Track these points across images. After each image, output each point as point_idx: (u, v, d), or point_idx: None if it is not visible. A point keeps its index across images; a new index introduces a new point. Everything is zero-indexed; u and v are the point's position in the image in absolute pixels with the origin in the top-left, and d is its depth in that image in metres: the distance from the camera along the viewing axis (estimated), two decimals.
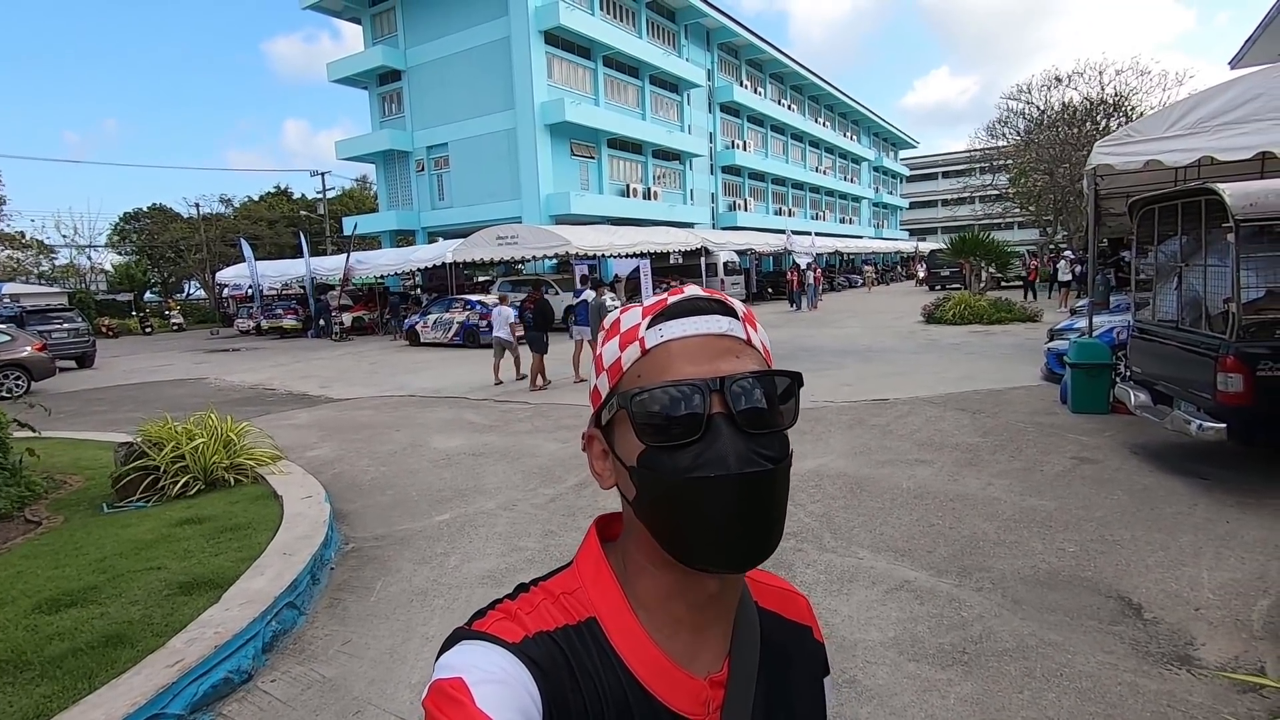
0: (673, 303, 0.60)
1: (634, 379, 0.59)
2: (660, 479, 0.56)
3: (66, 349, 17.23)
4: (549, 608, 0.60)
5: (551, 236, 19.71)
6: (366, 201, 45.16)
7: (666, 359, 0.58)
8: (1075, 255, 21.10)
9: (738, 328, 0.60)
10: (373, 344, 19.98)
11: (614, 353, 0.61)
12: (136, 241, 42.53)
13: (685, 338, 0.58)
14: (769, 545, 0.57)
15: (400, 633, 3.45)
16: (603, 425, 0.62)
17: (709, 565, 0.56)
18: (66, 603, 3.49)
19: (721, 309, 0.60)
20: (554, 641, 0.57)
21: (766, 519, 0.56)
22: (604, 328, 0.64)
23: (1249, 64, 16.76)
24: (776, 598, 0.73)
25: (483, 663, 0.54)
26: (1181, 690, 2.69)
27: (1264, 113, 5.83)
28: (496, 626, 0.58)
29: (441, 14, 29.19)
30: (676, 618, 0.61)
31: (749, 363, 0.59)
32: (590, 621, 0.60)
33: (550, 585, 0.63)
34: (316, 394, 11.25)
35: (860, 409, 8.02)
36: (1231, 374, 4.58)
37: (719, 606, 0.62)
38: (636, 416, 0.57)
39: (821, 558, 4.07)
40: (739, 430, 0.55)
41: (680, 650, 0.61)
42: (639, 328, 0.60)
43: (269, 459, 5.97)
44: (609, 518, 0.68)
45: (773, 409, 0.57)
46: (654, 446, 0.56)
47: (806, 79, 48.43)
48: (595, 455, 0.64)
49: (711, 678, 0.61)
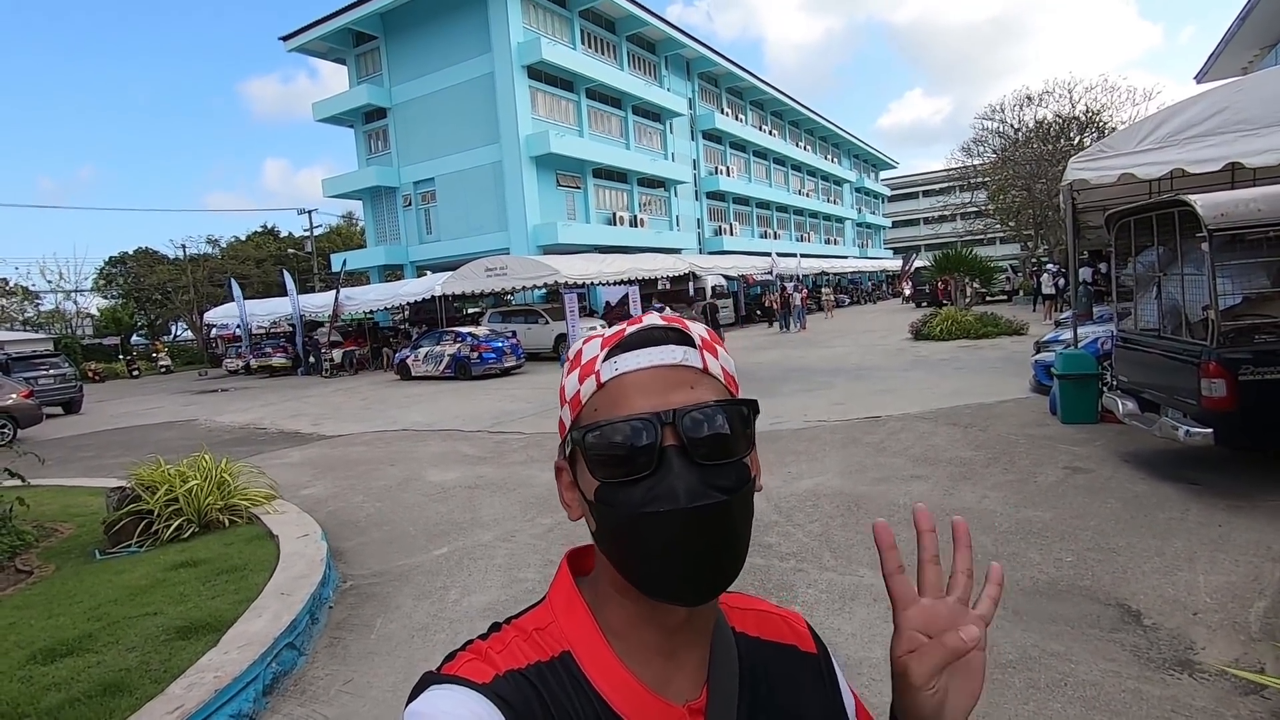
0: (629, 334, 0.60)
1: (591, 412, 0.58)
2: (614, 513, 0.55)
3: (53, 395, 17.09)
4: (520, 645, 0.60)
5: (540, 267, 19.84)
6: (354, 238, 45.29)
7: (620, 392, 0.57)
8: (1057, 268, 21.43)
9: (693, 356, 0.59)
10: (363, 380, 19.91)
11: (574, 385, 0.60)
12: (122, 285, 42.41)
13: (639, 370, 0.58)
14: (727, 576, 0.56)
15: (402, 670, 3.41)
16: (568, 456, 0.62)
17: (665, 598, 0.56)
18: (62, 652, 3.43)
19: (678, 338, 0.60)
20: (525, 679, 0.57)
21: (721, 550, 0.55)
22: (568, 358, 0.64)
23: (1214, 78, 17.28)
24: (754, 620, 0.72)
25: (451, 707, 0.53)
26: (1185, 695, 2.70)
27: (1230, 125, 6.01)
28: (466, 668, 0.57)
29: (425, 52, 29.64)
30: (649, 645, 0.60)
31: (704, 393, 0.58)
32: (564, 656, 0.59)
33: (522, 622, 0.63)
34: (308, 431, 11.19)
35: (853, 427, 8.06)
36: (1214, 379, 4.67)
37: (690, 633, 0.62)
38: (589, 450, 0.57)
39: (822, 577, 4.07)
40: (691, 463, 0.54)
41: (654, 678, 0.60)
42: (596, 360, 0.59)
43: (264, 499, 5.92)
44: (581, 550, 0.67)
45: (728, 438, 0.56)
46: (607, 481, 0.56)
47: (785, 104, 49.34)
48: (564, 486, 0.63)
49: (690, 705, 0.60)
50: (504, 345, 17.65)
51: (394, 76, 30.85)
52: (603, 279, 21.87)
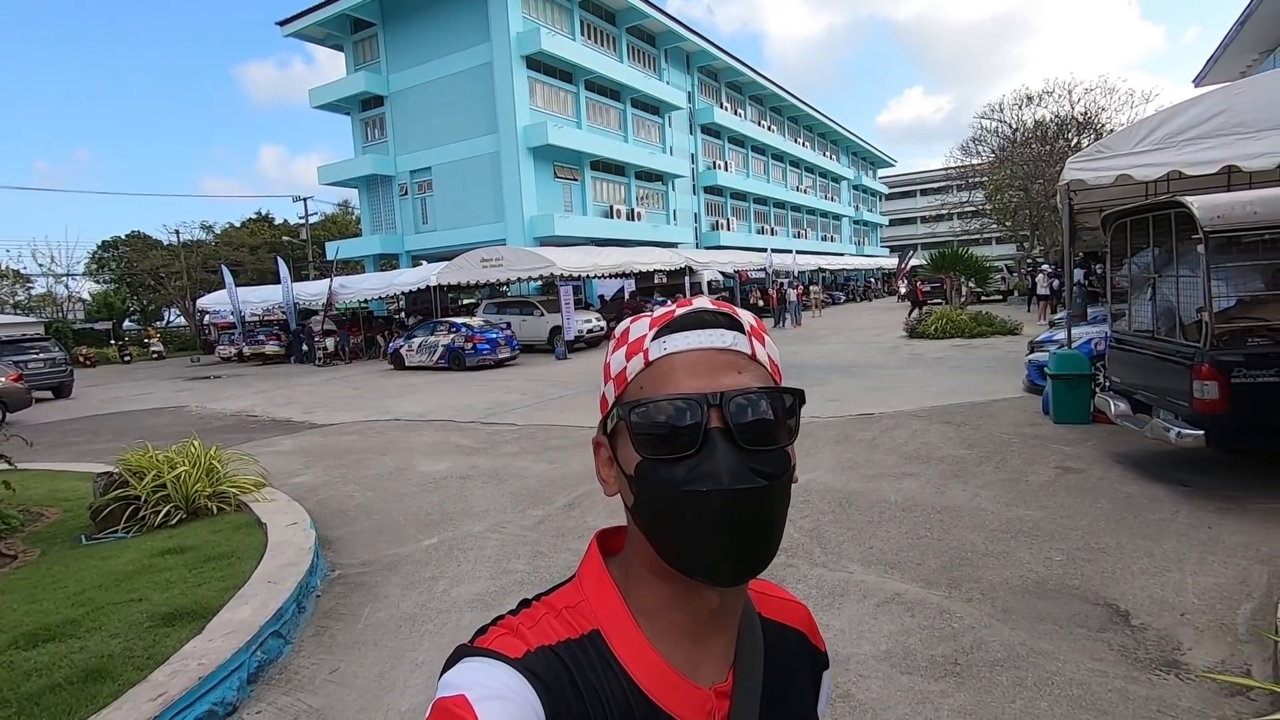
0: (680, 315, 0.61)
1: (636, 390, 0.59)
2: (656, 490, 0.56)
3: (43, 379, 16.94)
4: (551, 622, 0.61)
5: (536, 258, 19.76)
6: (350, 226, 45.06)
7: (668, 371, 0.58)
8: (1052, 269, 21.47)
9: (742, 342, 0.60)
10: (356, 369, 19.83)
11: (620, 362, 0.61)
12: (115, 270, 42.07)
13: (688, 351, 0.58)
14: (763, 559, 0.57)
15: (389, 659, 3.40)
16: (608, 432, 0.63)
17: (702, 576, 0.57)
18: (44, 637, 3.40)
19: (728, 323, 0.61)
20: (556, 655, 0.58)
21: (760, 534, 0.56)
22: (614, 335, 0.65)
23: (1212, 82, 17.32)
24: (777, 606, 0.73)
25: (485, 679, 0.54)
26: (1171, 695, 2.71)
27: (1227, 128, 6.01)
28: (499, 642, 0.58)
29: (424, 40, 29.45)
30: (678, 627, 0.61)
31: (751, 378, 0.58)
32: (594, 634, 0.60)
33: (553, 600, 0.63)
34: (300, 420, 11.13)
35: (847, 424, 8.07)
36: (1207, 381, 4.67)
37: (720, 617, 0.62)
38: (634, 428, 0.57)
39: (812, 572, 4.07)
40: (735, 446, 0.55)
41: (682, 660, 0.61)
42: (645, 339, 0.60)
43: (253, 486, 5.88)
44: (610, 531, 0.68)
45: (772, 425, 0.57)
46: (650, 458, 0.56)
47: (785, 100, 49.24)
48: (601, 461, 0.64)
49: (716, 688, 0.61)
50: (498, 336, 17.60)
51: (392, 64, 30.65)
52: (599, 272, 21.79)
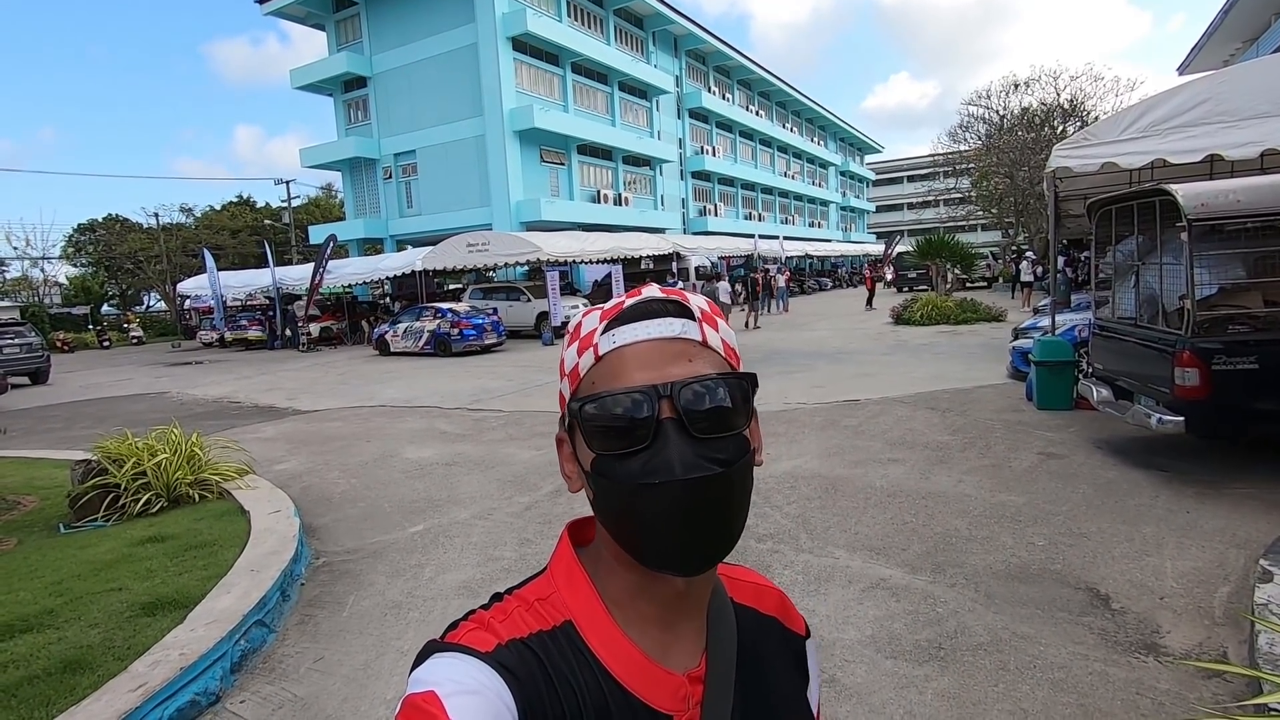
0: (628, 306, 0.60)
1: (589, 385, 0.59)
2: (612, 485, 0.56)
3: (19, 365, 16.67)
4: (523, 614, 0.60)
5: (522, 243, 19.61)
6: (333, 210, 44.47)
7: (619, 365, 0.57)
8: (1037, 256, 21.65)
9: (693, 329, 0.59)
10: (341, 354, 19.65)
11: (573, 358, 0.61)
12: (92, 253, 41.29)
13: (637, 343, 0.58)
14: (724, 546, 0.57)
15: (374, 648, 3.38)
16: (569, 428, 0.62)
17: (664, 567, 0.56)
18: (21, 628, 3.34)
19: (678, 310, 0.60)
20: (528, 648, 0.57)
21: (718, 521, 0.56)
22: (566, 331, 0.64)
23: (1196, 70, 17.44)
24: (750, 592, 0.73)
25: (455, 674, 0.53)
26: (1149, 678, 2.75)
27: (1211, 117, 6.04)
28: (469, 637, 0.58)
29: (407, 20, 28.94)
30: (647, 615, 0.61)
31: (703, 365, 0.58)
32: (566, 625, 0.60)
33: (524, 593, 0.63)
34: (283, 406, 11.02)
35: (832, 410, 8.10)
36: (1188, 369, 4.73)
37: (688, 603, 0.63)
38: (586, 423, 0.57)
39: (798, 558, 4.09)
40: (688, 435, 0.55)
41: (654, 647, 0.61)
42: (595, 333, 0.60)
43: (235, 473, 5.82)
44: (582, 521, 0.68)
45: (725, 411, 0.56)
46: (604, 454, 0.56)
47: (773, 85, 49.00)
48: (564, 458, 0.64)
49: (690, 673, 0.61)
50: (485, 322, 17.49)
51: (375, 45, 30.11)
52: (586, 257, 21.67)
